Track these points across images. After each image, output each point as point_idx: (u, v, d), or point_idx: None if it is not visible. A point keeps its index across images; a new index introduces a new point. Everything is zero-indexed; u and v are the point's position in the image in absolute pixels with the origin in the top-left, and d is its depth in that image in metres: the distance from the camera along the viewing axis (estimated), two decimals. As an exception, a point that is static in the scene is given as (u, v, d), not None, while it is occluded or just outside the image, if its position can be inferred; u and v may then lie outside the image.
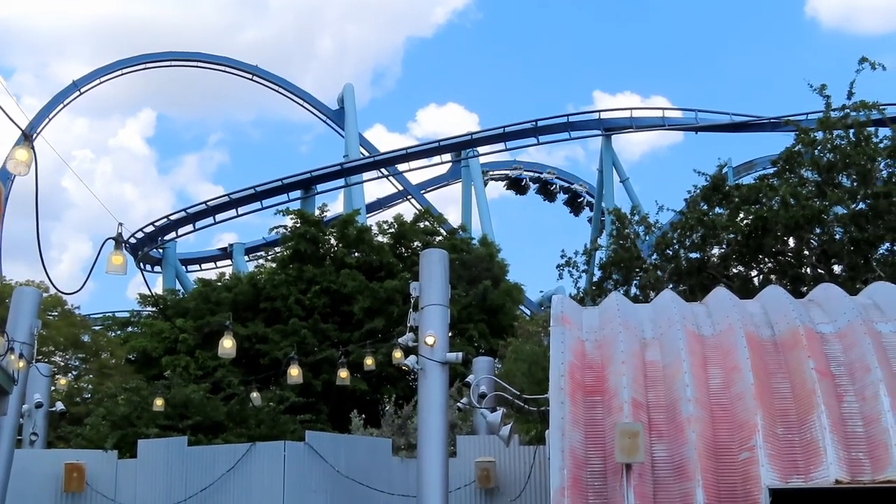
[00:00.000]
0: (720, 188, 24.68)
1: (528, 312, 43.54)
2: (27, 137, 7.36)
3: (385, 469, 18.33)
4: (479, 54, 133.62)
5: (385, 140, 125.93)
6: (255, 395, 22.08)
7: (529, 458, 16.43)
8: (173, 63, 60.49)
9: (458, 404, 20.15)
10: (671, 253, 24.39)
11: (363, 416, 25.91)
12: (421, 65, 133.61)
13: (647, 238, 26.03)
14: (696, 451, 10.70)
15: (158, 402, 21.13)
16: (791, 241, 23.32)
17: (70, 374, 34.74)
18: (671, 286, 22.34)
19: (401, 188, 60.60)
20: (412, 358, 14.10)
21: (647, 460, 10.74)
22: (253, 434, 22.65)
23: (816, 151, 23.70)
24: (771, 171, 26.56)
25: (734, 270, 24.00)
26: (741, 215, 23.58)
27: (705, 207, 24.53)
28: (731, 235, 23.24)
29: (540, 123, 54.82)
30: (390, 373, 31.24)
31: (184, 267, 57.33)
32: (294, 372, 17.59)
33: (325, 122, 62.47)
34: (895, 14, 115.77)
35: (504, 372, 24.27)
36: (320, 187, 54.50)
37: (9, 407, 13.66)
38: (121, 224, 8.84)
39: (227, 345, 15.30)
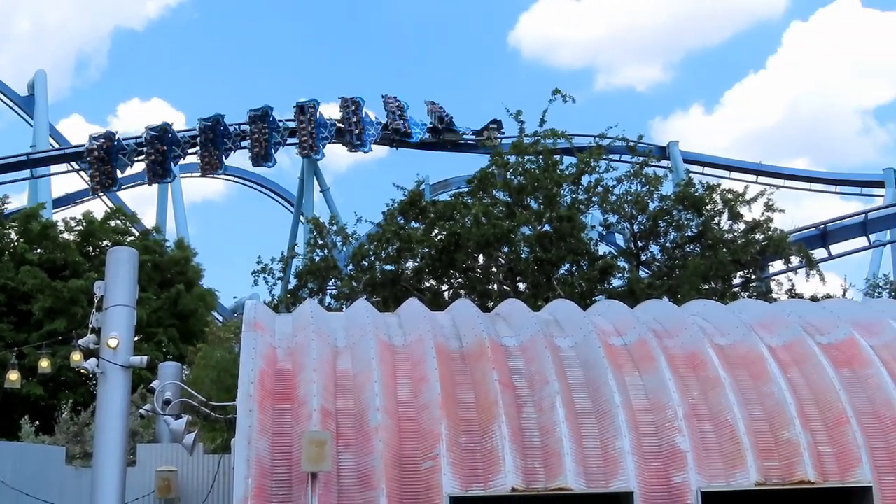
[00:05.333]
0: (417, 203, 25.22)
1: (220, 319, 42.61)
2: None
3: (57, 479, 17.20)
4: (191, 53, 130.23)
5: (83, 131, 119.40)
6: None
7: (214, 467, 15.95)
8: None
9: (141, 411, 19.23)
10: (367, 264, 24.64)
11: (37, 423, 24.28)
12: (128, 57, 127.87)
13: (345, 249, 26.16)
14: (381, 460, 10.78)
15: None
16: (481, 258, 24.20)
17: None
18: (366, 297, 22.54)
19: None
20: (92, 361, 13.34)
21: (333, 469, 10.71)
22: None
23: (509, 174, 24.77)
24: (466, 189, 27.52)
25: (427, 284, 24.59)
26: (436, 231, 24.21)
27: (402, 221, 24.98)
28: (426, 250, 23.79)
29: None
30: (70, 377, 29.65)
31: None
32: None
33: (13, 109, 58.39)
34: (589, 51, 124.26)
35: (192, 379, 23.58)
36: (2, 178, 50.93)
37: None
38: None
39: None
